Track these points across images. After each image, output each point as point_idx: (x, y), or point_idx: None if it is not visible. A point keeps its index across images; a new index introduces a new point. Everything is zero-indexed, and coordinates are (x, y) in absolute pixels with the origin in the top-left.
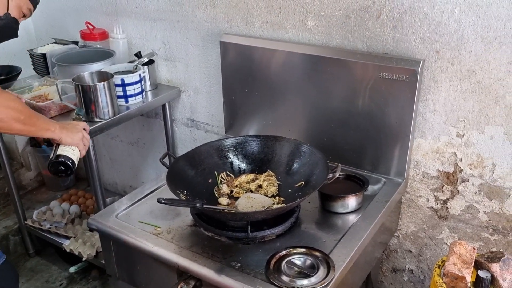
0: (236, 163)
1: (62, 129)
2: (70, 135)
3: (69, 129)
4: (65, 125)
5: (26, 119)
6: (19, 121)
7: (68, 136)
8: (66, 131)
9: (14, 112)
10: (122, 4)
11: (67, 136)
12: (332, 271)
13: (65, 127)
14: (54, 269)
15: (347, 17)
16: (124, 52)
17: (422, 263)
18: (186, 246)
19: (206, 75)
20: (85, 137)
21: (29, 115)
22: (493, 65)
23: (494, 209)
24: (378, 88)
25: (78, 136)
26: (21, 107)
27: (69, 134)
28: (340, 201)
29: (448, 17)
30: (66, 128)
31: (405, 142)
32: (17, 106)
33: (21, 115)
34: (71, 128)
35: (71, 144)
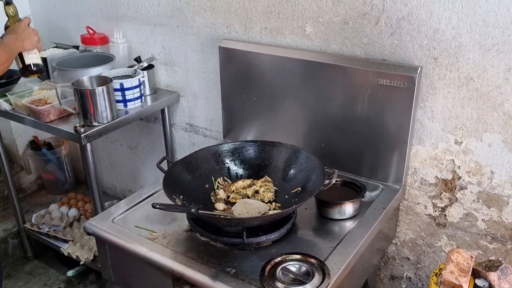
0: (233, 168)
1: (24, 42)
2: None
3: (24, 37)
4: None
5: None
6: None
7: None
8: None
9: None
10: (123, 9)
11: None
12: (327, 278)
13: (22, 38)
14: (52, 273)
15: (345, 24)
16: (124, 56)
17: (420, 271)
18: (182, 251)
19: (205, 80)
20: (34, 32)
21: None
22: (491, 72)
23: (493, 217)
24: (376, 95)
25: (35, 40)
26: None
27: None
28: (337, 208)
29: (446, 24)
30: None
31: (403, 148)
32: None
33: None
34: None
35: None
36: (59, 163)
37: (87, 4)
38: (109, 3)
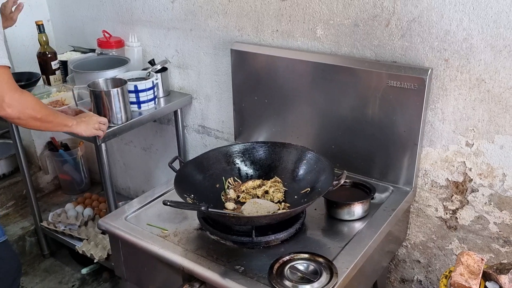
0: (243, 169)
1: (79, 124)
2: (87, 128)
3: (86, 121)
4: (82, 118)
5: (43, 117)
6: (36, 119)
7: (86, 129)
8: (84, 125)
9: (31, 111)
10: (138, 13)
11: (86, 129)
12: (335, 278)
13: (83, 120)
14: (67, 270)
15: (356, 26)
16: (138, 59)
17: (431, 274)
18: (192, 249)
19: (217, 82)
20: (100, 122)
21: (46, 114)
22: (503, 74)
23: (505, 220)
24: (387, 96)
25: (94, 126)
26: (39, 107)
27: (87, 126)
28: (346, 208)
29: (457, 25)
30: (83, 121)
31: (414, 150)
32: (34, 105)
33: (38, 114)
34: (88, 120)
35: (89, 135)
36: (75, 164)
37: (104, 9)
38: (125, 8)
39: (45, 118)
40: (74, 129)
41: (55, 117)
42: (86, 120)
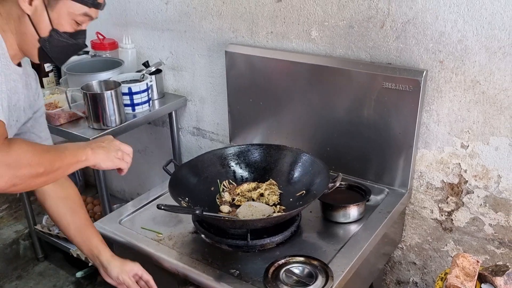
0: (238, 171)
1: (95, 153)
2: (107, 158)
3: (106, 148)
4: (100, 144)
5: (47, 168)
6: (38, 176)
7: (106, 158)
8: (104, 153)
9: (28, 169)
10: (132, 15)
11: (105, 159)
12: (331, 281)
13: (101, 146)
14: (62, 274)
15: (351, 27)
16: (132, 61)
17: (427, 276)
18: (187, 252)
19: (212, 84)
20: (123, 150)
21: (49, 161)
22: (498, 75)
23: (500, 222)
24: (382, 98)
25: (117, 155)
26: (37, 157)
27: (107, 155)
28: (342, 211)
29: (451, 27)
30: (102, 148)
31: (409, 152)
32: (29, 158)
33: (39, 168)
34: (107, 146)
35: (111, 168)
36: None
37: None
38: (118, 10)
39: (49, 168)
40: (91, 161)
41: (61, 158)
42: (105, 146)
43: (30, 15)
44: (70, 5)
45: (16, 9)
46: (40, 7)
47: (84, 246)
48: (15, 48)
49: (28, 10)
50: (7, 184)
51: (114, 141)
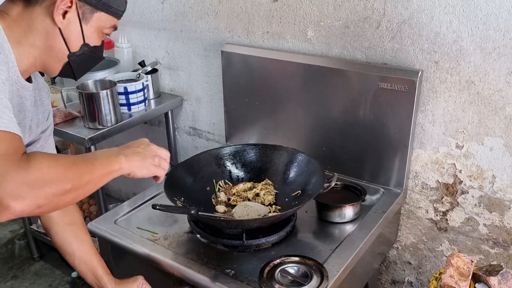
0: (234, 171)
1: (130, 160)
2: (143, 165)
3: (141, 154)
4: (134, 149)
5: (75, 183)
6: (65, 193)
7: (142, 166)
8: (139, 160)
9: (53, 187)
10: (128, 14)
11: (141, 167)
12: (326, 281)
13: (135, 152)
14: (58, 274)
15: (347, 28)
16: (128, 61)
17: (422, 276)
18: (182, 252)
19: (208, 84)
20: (160, 155)
21: (77, 174)
22: (492, 76)
23: (494, 222)
24: (377, 98)
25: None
26: (62, 172)
27: (143, 162)
28: (337, 211)
29: (447, 27)
30: (136, 154)
31: (404, 152)
32: (53, 174)
33: (66, 184)
34: (143, 152)
35: (146, 176)
36: None
37: None
38: None
39: (77, 183)
40: (125, 170)
41: (91, 170)
42: (140, 151)
43: (61, 29)
44: (103, 18)
45: (42, 21)
46: (74, 21)
47: (89, 276)
48: (29, 62)
49: (60, 24)
50: (30, 206)
51: (150, 145)
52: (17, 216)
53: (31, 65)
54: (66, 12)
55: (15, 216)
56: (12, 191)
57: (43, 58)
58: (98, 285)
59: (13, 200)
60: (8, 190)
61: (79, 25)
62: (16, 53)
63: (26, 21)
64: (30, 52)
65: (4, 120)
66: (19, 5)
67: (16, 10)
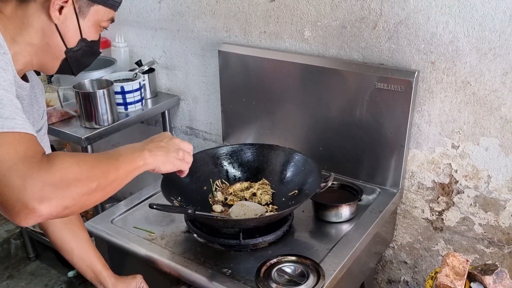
0: (231, 171)
1: (154, 155)
2: (167, 160)
3: (165, 148)
4: (158, 143)
5: (101, 182)
6: (91, 192)
7: (166, 161)
8: (163, 154)
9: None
10: (124, 13)
11: (165, 162)
12: (322, 280)
13: (158, 147)
14: (54, 273)
15: (343, 28)
16: (125, 60)
17: (418, 275)
18: (179, 252)
19: (205, 83)
20: (184, 149)
21: (102, 172)
22: (488, 76)
23: (490, 221)
24: (374, 99)
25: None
26: (86, 170)
27: (166, 157)
28: (334, 210)
29: (443, 28)
30: (160, 148)
31: (401, 152)
32: (77, 173)
33: (92, 183)
34: (166, 146)
35: (171, 171)
36: None
37: None
38: None
39: (104, 181)
40: (150, 166)
41: (116, 167)
42: (164, 145)
43: (57, 25)
44: (100, 11)
45: (38, 18)
46: (70, 16)
47: (88, 272)
48: (26, 61)
49: (57, 20)
50: (58, 207)
51: (173, 139)
52: (45, 219)
53: (28, 64)
54: (62, 7)
55: (42, 219)
56: (37, 194)
57: (40, 56)
58: (98, 281)
59: (39, 202)
60: (33, 193)
61: (76, 20)
62: (12, 52)
63: (20, 19)
64: (27, 51)
65: (18, 121)
66: (12, 2)
67: (9, 7)
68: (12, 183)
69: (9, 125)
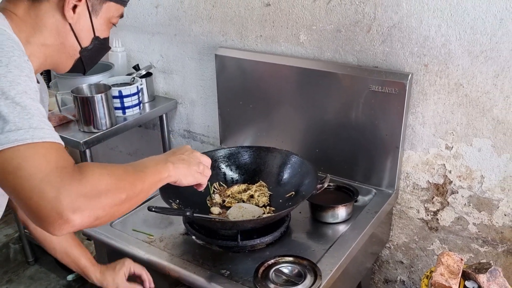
0: (228, 173)
1: (177, 168)
2: (189, 173)
3: (186, 161)
4: (180, 156)
5: (129, 193)
6: (121, 203)
7: (187, 173)
8: (185, 167)
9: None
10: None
11: (186, 175)
12: (319, 280)
13: (181, 159)
14: (53, 277)
15: (338, 31)
16: (123, 64)
17: (414, 274)
18: (178, 254)
19: (202, 87)
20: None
21: (130, 183)
22: (480, 78)
23: (484, 221)
24: (369, 101)
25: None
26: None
27: (188, 170)
28: (330, 211)
29: (435, 31)
30: (182, 161)
31: (395, 154)
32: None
33: (122, 193)
34: (188, 159)
35: (191, 184)
36: None
37: None
38: None
39: (131, 192)
40: (173, 178)
41: (142, 178)
42: (185, 158)
43: (72, 24)
44: (112, 8)
45: (52, 18)
46: (84, 15)
47: (74, 266)
48: (40, 62)
49: (71, 19)
50: (90, 218)
51: (194, 152)
52: (76, 229)
53: (41, 65)
54: (75, 6)
55: (74, 229)
56: (70, 204)
57: (55, 57)
58: (84, 274)
59: (72, 213)
60: (67, 204)
61: (89, 18)
62: (27, 54)
63: (33, 19)
64: (41, 52)
65: (47, 131)
66: (24, 2)
67: (22, 7)
68: (46, 194)
69: (38, 135)
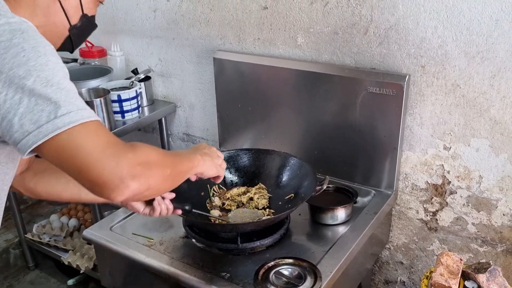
0: (228, 176)
1: (204, 160)
2: (213, 165)
3: (210, 155)
4: (204, 151)
5: (172, 171)
6: (166, 179)
7: (211, 166)
8: (209, 161)
9: (160, 170)
10: (120, 22)
11: (210, 167)
12: (319, 281)
13: (205, 153)
14: (53, 282)
15: (335, 34)
16: (121, 69)
17: (414, 275)
18: (178, 257)
19: (201, 90)
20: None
21: (172, 162)
22: (477, 79)
23: (482, 221)
24: (366, 102)
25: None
26: (161, 158)
27: (211, 163)
28: (330, 213)
29: (432, 33)
30: (207, 154)
31: (394, 155)
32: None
33: (167, 169)
34: (211, 154)
35: (212, 176)
36: None
37: None
38: (107, 17)
39: (174, 170)
40: (200, 169)
41: (181, 161)
42: (208, 152)
43: (61, 1)
44: None
45: None
46: None
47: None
48: None
49: None
50: (144, 185)
51: (212, 147)
52: (134, 195)
53: None
54: None
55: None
56: (130, 171)
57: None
58: None
59: (131, 179)
60: (127, 171)
61: None
62: None
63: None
64: None
65: (89, 110)
66: None
67: None
68: (107, 164)
69: (85, 114)
